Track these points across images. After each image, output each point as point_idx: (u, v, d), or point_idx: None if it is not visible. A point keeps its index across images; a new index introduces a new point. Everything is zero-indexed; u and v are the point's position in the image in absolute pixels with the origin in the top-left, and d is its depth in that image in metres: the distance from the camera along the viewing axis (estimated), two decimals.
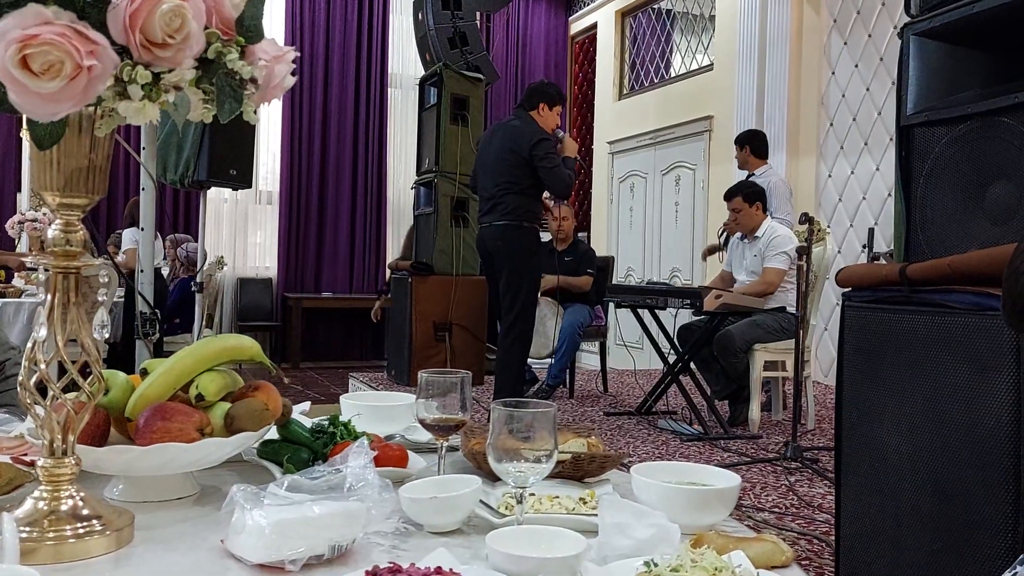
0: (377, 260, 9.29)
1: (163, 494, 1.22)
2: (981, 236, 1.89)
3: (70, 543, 0.99)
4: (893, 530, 1.87)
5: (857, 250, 6.15)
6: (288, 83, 1.03)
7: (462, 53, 6.50)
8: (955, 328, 1.73)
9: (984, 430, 1.64)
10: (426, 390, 1.27)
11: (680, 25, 8.69)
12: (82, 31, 0.84)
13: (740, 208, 5.00)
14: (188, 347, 1.32)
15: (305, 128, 9.00)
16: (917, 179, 2.07)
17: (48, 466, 1.03)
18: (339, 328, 9.16)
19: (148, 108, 0.90)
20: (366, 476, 1.10)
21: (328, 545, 0.99)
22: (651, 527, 1.02)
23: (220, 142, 4.23)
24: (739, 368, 4.73)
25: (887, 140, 5.96)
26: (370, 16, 9.19)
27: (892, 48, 5.88)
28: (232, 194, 8.71)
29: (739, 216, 5.02)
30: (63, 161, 0.99)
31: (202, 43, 0.91)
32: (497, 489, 1.27)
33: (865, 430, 1.98)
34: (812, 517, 3.12)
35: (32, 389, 1.01)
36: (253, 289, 8.97)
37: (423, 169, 6.74)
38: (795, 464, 3.85)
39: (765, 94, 7.03)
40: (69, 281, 1.03)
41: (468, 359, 6.19)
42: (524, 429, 1.05)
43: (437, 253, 6.31)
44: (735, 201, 5.02)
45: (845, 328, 2.07)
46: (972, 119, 1.92)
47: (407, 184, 8.79)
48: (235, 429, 1.23)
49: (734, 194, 5.06)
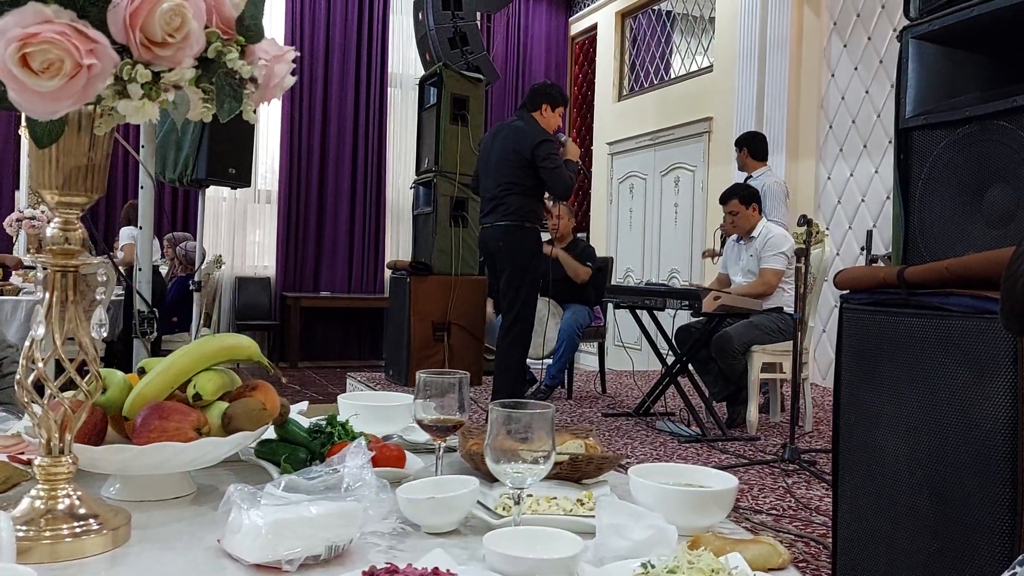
0: (376, 260, 9.28)
1: (160, 493, 1.22)
2: (979, 239, 1.89)
3: (66, 542, 0.99)
4: (890, 532, 1.87)
5: (856, 252, 6.16)
6: (288, 83, 1.03)
7: (462, 53, 6.50)
8: (953, 331, 1.73)
9: (981, 433, 1.64)
10: (424, 390, 1.27)
11: (680, 26, 8.70)
12: (82, 30, 0.84)
13: (737, 211, 5.01)
14: (186, 346, 1.31)
15: (305, 127, 9.00)
16: (916, 182, 2.08)
17: (45, 465, 1.03)
18: (337, 328, 9.16)
19: (148, 107, 0.89)
20: (363, 476, 1.10)
21: (325, 545, 0.99)
22: (648, 529, 1.02)
23: (219, 141, 4.23)
24: (737, 369, 4.73)
25: (886, 143, 5.97)
26: (370, 16, 9.19)
27: (891, 51, 5.89)
28: (231, 193, 8.70)
29: (736, 219, 5.03)
30: (62, 159, 0.99)
31: (202, 42, 0.91)
32: (495, 490, 1.27)
33: (863, 432, 1.98)
34: (810, 519, 3.12)
35: (29, 387, 1.01)
36: (251, 288, 8.96)
37: (422, 169, 6.74)
38: (793, 466, 3.85)
39: (765, 96, 7.04)
40: (67, 279, 1.03)
41: (467, 359, 6.19)
42: (522, 430, 1.05)
43: (436, 253, 6.31)
44: (732, 204, 5.03)
45: (843, 330, 2.07)
46: (971, 122, 1.93)
47: (406, 184, 8.78)
48: (232, 429, 1.23)
49: (730, 197, 5.07)
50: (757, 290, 4.83)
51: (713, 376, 4.98)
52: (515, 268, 4.88)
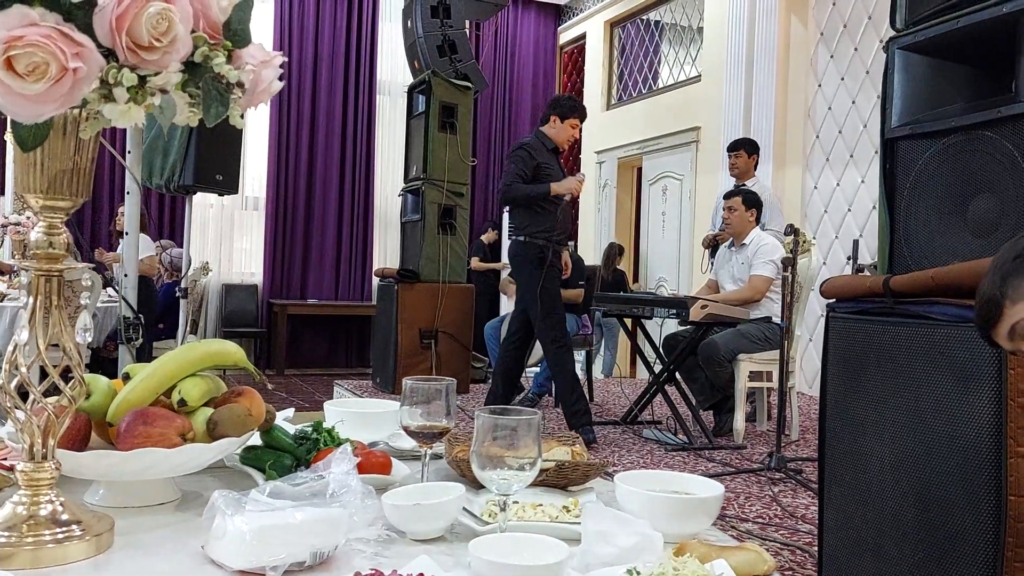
0: (363, 267, 9.27)
1: (144, 499, 1.21)
2: (964, 249, 1.91)
3: (49, 548, 0.98)
4: (876, 540, 1.88)
5: (842, 261, 6.19)
6: (275, 88, 1.03)
7: (451, 61, 6.50)
8: (938, 340, 1.74)
9: (966, 441, 1.65)
10: (410, 397, 1.27)
11: (668, 36, 8.74)
12: (68, 33, 0.84)
13: (736, 208, 5.01)
14: (171, 352, 1.31)
15: (292, 134, 8.99)
16: (901, 192, 2.09)
17: (28, 470, 1.02)
18: (324, 335, 9.14)
19: (133, 111, 0.89)
20: (349, 482, 1.09)
21: (310, 552, 0.98)
22: (634, 535, 1.02)
23: (206, 147, 4.21)
24: (724, 378, 4.74)
25: (872, 153, 6.01)
26: (359, 23, 9.20)
27: (878, 62, 5.93)
28: (218, 199, 8.68)
29: (732, 216, 5.03)
30: (47, 163, 0.98)
31: (189, 46, 0.91)
32: (481, 496, 1.26)
33: (849, 441, 1.99)
34: (796, 528, 3.12)
35: (13, 392, 1.00)
36: (238, 295, 8.93)
37: (411, 176, 6.74)
38: (779, 474, 3.86)
39: (752, 105, 7.08)
40: (52, 284, 1.02)
41: (454, 367, 6.17)
42: (508, 436, 1.05)
43: (424, 260, 6.30)
44: (734, 200, 5.04)
45: (829, 339, 2.08)
46: (956, 133, 1.94)
47: (394, 191, 8.78)
48: (217, 435, 1.22)
49: (734, 194, 5.10)
50: (744, 296, 4.84)
51: (700, 384, 4.98)
52: (522, 282, 4.82)
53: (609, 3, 9.30)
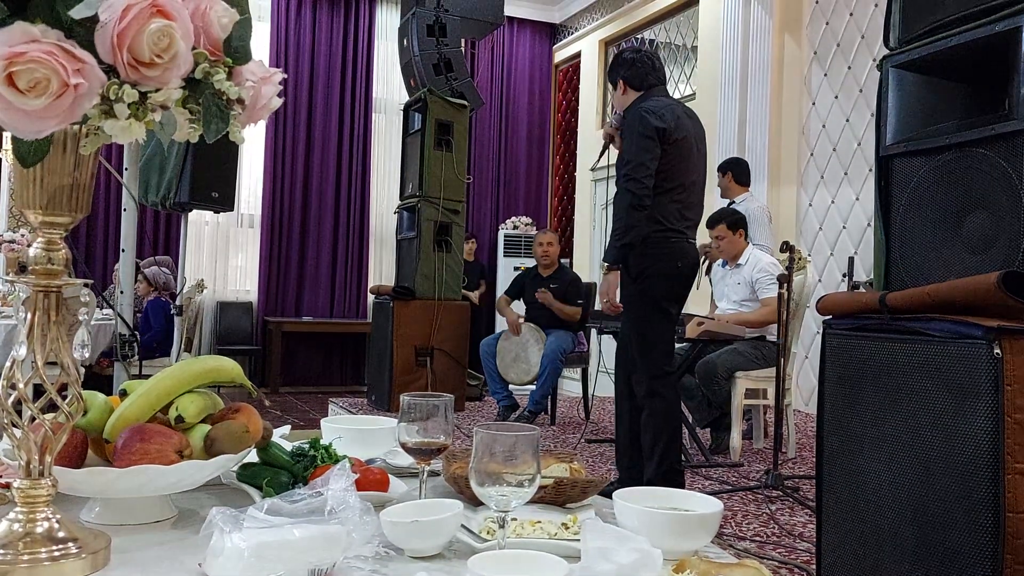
0: (359, 284, 9.26)
1: (140, 517, 1.21)
2: (959, 265, 1.91)
3: (45, 566, 0.97)
4: (874, 558, 1.87)
5: (837, 279, 6.20)
6: (275, 104, 1.03)
7: (447, 79, 6.53)
8: (934, 356, 1.74)
9: (963, 457, 1.65)
10: (408, 413, 1.26)
11: (663, 55, 8.78)
12: (69, 49, 0.84)
13: (724, 235, 5.03)
14: (168, 368, 1.30)
15: (288, 152, 9.00)
16: (896, 209, 2.10)
17: (24, 487, 1.01)
18: (319, 353, 9.11)
19: (134, 127, 0.89)
20: (347, 499, 1.09)
21: (308, 569, 0.98)
22: (633, 552, 1.02)
23: (202, 165, 4.22)
24: (721, 396, 4.73)
25: (867, 170, 6.03)
26: (355, 41, 9.23)
27: (871, 80, 5.96)
28: (213, 217, 8.67)
29: (722, 243, 5.05)
30: (47, 179, 0.98)
31: (190, 63, 0.92)
32: (479, 513, 1.26)
33: (846, 458, 1.99)
34: (793, 546, 3.11)
35: (10, 408, 0.99)
36: (233, 312, 8.91)
37: (406, 194, 6.75)
38: (776, 492, 3.85)
39: (747, 124, 7.10)
40: (50, 300, 1.02)
41: (449, 384, 6.17)
42: (507, 452, 1.04)
43: (420, 277, 6.30)
44: (719, 228, 5.05)
45: (826, 356, 2.08)
46: (950, 150, 1.95)
47: (390, 208, 8.78)
48: (215, 451, 1.22)
49: (717, 221, 5.09)
50: (763, 318, 4.80)
51: (697, 402, 4.98)
52: None
53: (604, 22, 9.35)
